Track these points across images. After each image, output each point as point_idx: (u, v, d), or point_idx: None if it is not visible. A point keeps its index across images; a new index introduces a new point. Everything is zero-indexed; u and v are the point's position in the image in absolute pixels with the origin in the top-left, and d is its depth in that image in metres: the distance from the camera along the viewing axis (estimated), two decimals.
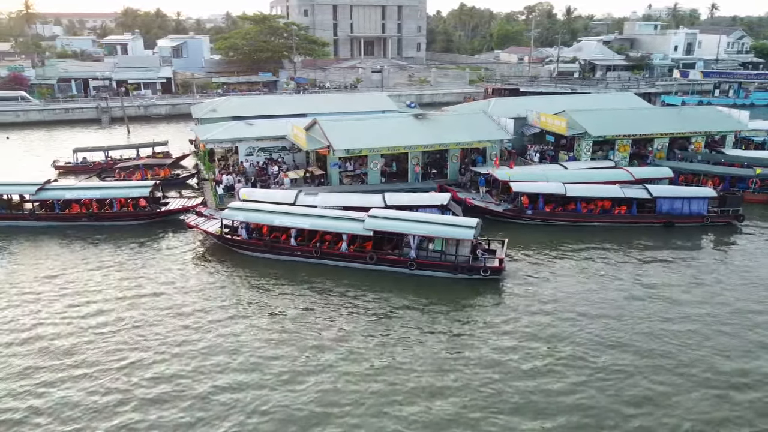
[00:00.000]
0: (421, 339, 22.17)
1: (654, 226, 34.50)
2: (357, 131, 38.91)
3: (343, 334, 22.40)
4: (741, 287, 26.78)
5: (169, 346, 21.59)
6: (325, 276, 27.42)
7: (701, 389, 19.31)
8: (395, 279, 27.17)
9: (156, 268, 28.65)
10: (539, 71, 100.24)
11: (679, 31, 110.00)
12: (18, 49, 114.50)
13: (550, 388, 19.25)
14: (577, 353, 21.23)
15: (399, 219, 27.74)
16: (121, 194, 34.75)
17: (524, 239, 32.65)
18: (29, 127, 67.57)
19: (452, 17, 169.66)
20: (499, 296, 25.73)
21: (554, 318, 23.67)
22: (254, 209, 29.85)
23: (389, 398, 18.71)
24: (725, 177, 39.60)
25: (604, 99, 53.60)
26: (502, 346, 21.66)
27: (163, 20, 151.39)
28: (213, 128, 43.29)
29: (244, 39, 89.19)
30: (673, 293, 26.03)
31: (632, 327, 23.09)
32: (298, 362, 20.57)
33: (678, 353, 21.32)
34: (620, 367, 20.45)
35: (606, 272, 28.26)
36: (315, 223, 28.42)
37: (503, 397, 18.81)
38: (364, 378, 19.68)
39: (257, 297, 25.65)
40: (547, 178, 36.37)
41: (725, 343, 21.99)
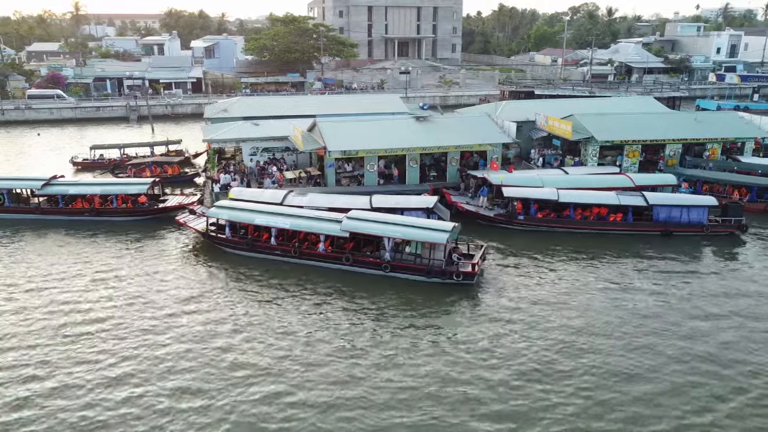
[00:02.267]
0: (368, 340, 22.17)
1: (651, 234, 33.50)
2: (355, 132, 39.08)
3: (293, 333, 22.61)
4: (727, 301, 25.76)
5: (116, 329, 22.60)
6: (301, 275, 27.69)
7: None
8: (370, 280, 27.21)
9: (141, 261, 29.55)
10: (572, 74, 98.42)
11: (723, 33, 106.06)
12: (66, 49, 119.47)
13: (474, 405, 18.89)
14: (520, 369, 20.50)
15: (375, 221, 27.78)
16: (120, 191, 35.89)
17: (513, 245, 32.21)
18: (63, 124, 70.38)
19: (492, 18, 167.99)
20: (465, 302, 25.35)
21: (512, 329, 22.95)
22: (238, 208, 30.40)
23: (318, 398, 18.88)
24: (752, 187, 37.90)
25: (621, 103, 52.21)
26: (451, 354, 21.44)
27: (206, 21, 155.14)
28: (221, 128, 44.13)
29: (273, 40, 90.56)
30: (655, 308, 25.11)
31: (595, 343, 22.12)
32: (245, 361, 20.93)
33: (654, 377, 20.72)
34: (569, 392, 19.40)
35: (588, 282, 27.50)
36: (294, 223, 28.74)
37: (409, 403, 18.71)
38: (312, 379, 19.88)
39: (227, 292, 26.11)
40: (543, 183, 35.75)
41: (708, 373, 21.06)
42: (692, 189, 38.66)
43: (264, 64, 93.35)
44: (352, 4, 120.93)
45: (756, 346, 22.09)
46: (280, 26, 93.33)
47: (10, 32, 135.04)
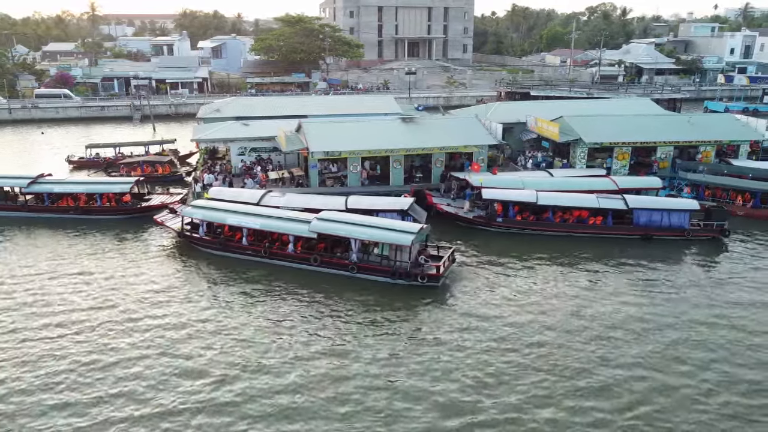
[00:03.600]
0: (319, 343, 22.19)
1: (631, 238, 33.07)
2: (338, 133, 39.18)
3: (245, 337, 22.73)
4: (697, 310, 25.35)
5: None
6: (270, 276, 27.87)
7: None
8: (337, 282, 27.26)
9: (116, 260, 29.92)
10: (581, 75, 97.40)
11: (736, 34, 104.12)
12: (82, 49, 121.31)
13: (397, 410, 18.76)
14: (463, 380, 20.13)
15: (342, 222, 27.84)
16: (104, 189, 36.43)
17: (490, 247, 32.04)
18: (68, 123, 71.46)
19: (506, 18, 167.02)
20: (426, 305, 25.22)
21: (467, 337, 22.61)
22: (212, 208, 30.68)
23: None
24: (756, 192, 36.96)
25: (616, 105, 51.53)
26: (402, 357, 21.42)
27: (220, 21, 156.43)
28: (211, 128, 44.56)
29: (278, 40, 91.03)
30: (621, 314, 24.75)
31: (548, 356, 21.41)
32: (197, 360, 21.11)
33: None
34: (506, 402, 19.08)
35: (559, 287, 27.16)
36: (265, 224, 28.91)
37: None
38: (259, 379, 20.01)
39: (193, 293, 26.31)
40: (524, 185, 35.47)
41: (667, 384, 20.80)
42: (695, 194, 37.87)
43: (271, 65, 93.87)
44: (362, 5, 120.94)
45: (715, 355, 21.73)
46: (286, 27, 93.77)
47: (29, 32, 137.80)
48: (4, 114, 70.52)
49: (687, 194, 37.89)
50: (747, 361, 21.24)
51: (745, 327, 23.58)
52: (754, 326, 23.66)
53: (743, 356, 21.55)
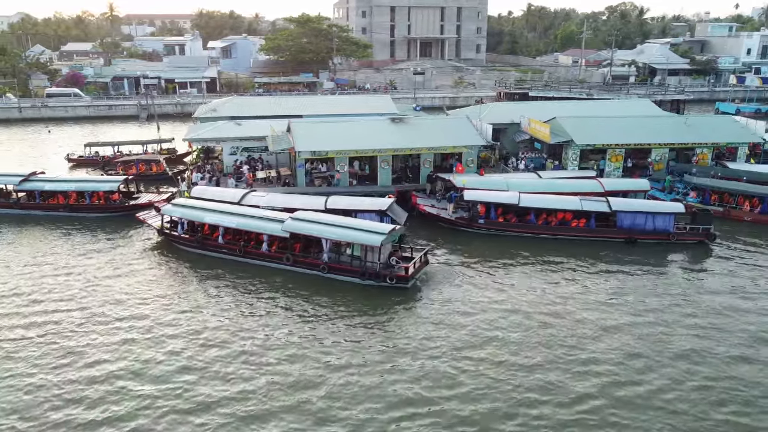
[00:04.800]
0: (279, 344, 22.26)
1: (615, 241, 32.60)
2: (327, 133, 39.22)
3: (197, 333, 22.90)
4: (670, 313, 24.92)
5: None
6: (244, 274, 28.05)
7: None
8: (309, 281, 27.32)
9: (96, 254, 30.47)
10: (592, 75, 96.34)
11: (754, 33, 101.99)
12: (100, 49, 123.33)
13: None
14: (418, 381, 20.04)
15: (314, 222, 27.90)
16: (92, 188, 36.99)
17: (469, 249, 31.88)
18: (77, 122, 72.73)
19: (522, 18, 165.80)
20: (392, 306, 25.11)
21: (430, 340, 22.40)
22: (191, 206, 30.98)
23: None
24: (764, 197, 35.80)
25: (614, 106, 50.84)
26: (358, 359, 21.39)
27: (236, 21, 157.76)
28: (205, 127, 44.94)
29: (286, 41, 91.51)
30: (587, 323, 24.42)
31: (508, 365, 20.90)
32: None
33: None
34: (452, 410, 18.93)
35: (532, 290, 26.80)
36: (241, 223, 29.09)
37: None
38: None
39: (165, 289, 26.58)
40: (509, 186, 35.17)
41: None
42: (700, 198, 37.12)
43: (280, 65, 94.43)
44: (374, 5, 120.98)
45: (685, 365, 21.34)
46: (296, 27, 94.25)
47: (49, 33, 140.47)
48: (15, 113, 71.99)
49: (692, 198, 37.12)
50: (718, 373, 20.82)
51: (709, 335, 23.13)
52: (716, 334, 23.19)
53: (711, 365, 21.14)
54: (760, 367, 20.89)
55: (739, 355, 21.65)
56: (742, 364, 21.04)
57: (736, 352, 21.78)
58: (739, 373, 20.49)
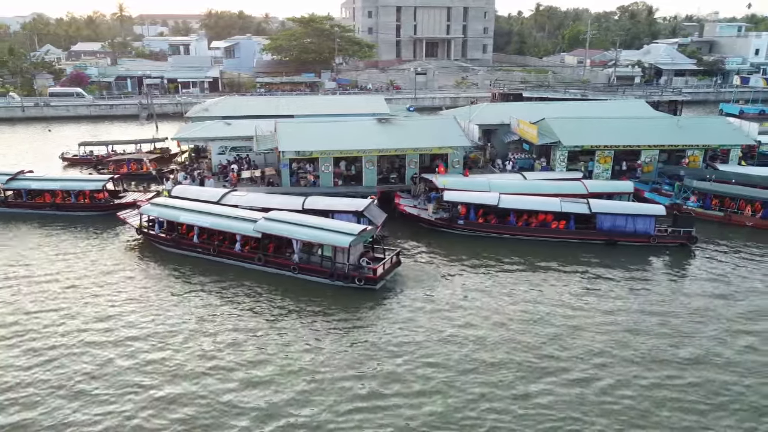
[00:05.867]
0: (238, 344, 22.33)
1: (595, 243, 32.29)
2: (312, 133, 39.28)
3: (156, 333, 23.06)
4: (640, 316, 24.66)
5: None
6: (216, 273, 28.18)
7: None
8: (280, 281, 27.38)
9: (73, 253, 30.80)
10: (597, 75, 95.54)
11: (762, 33, 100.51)
12: (109, 49, 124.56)
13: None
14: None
15: (286, 222, 27.93)
16: (78, 187, 37.38)
17: (448, 250, 31.75)
18: (79, 121, 73.41)
19: (531, 18, 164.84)
20: (356, 309, 25.01)
21: (389, 343, 22.28)
22: (168, 206, 31.16)
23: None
24: (767, 202, 35.03)
25: (608, 107, 50.34)
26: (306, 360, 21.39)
27: (245, 21, 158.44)
28: (195, 127, 45.21)
29: (288, 41, 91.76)
30: (559, 325, 24.21)
31: (460, 365, 20.75)
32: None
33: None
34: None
35: (506, 293, 26.54)
36: (214, 222, 29.21)
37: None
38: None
39: (136, 288, 26.76)
40: (491, 187, 34.97)
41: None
42: (701, 202, 36.48)
43: (283, 65, 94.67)
44: (380, 5, 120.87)
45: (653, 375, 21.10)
46: (299, 27, 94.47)
47: (60, 33, 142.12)
48: (18, 111, 72.87)
49: (693, 203, 36.51)
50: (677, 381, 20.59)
51: (672, 337, 22.88)
52: (682, 337, 22.93)
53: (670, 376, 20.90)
54: (717, 371, 20.63)
55: (694, 357, 21.47)
56: (697, 367, 20.79)
57: (687, 354, 21.55)
58: (690, 375, 20.30)
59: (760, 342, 22.61)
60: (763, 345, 22.43)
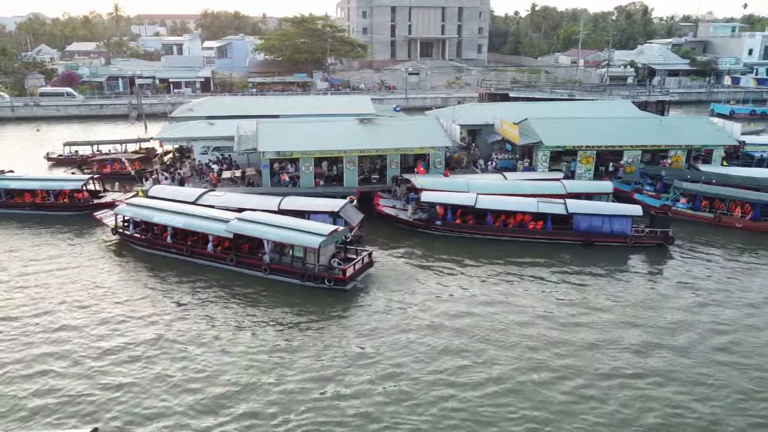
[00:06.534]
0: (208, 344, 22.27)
1: (572, 244, 32.19)
2: (293, 134, 39.20)
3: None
4: (604, 324, 24.57)
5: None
6: (189, 274, 28.15)
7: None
8: (253, 282, 27.31)
9: (52, 252, 30.87)
10: (590, 76, 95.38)
11: (756, 34, 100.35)
12: (105, 49, 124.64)
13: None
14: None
15: (258, 223, 27.86)
16: (57, 186, 37.34)
17: (424, 251, 31.66)
18: (69, 120, 73.35)
19: (527, 18, 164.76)
20: (324, 310, 24.92)
21: (350, 346, 22.15)
22: (142, 206, 31.11)
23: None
24: (756, 204, 34.58)
25: (593, 107, 50.22)
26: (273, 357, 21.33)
27: (241, 21, 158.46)
28: (178, 127, 45.18)
29: (280, 41, 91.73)
30: (525, 327, 24.13)
31: (423, 370, 20.51)
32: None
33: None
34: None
35: (477, 295, 26.35)
36: (187, 222, 29.14)
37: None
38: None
39: (106, 286, 26.75)
40: (469, 187, 34.88)
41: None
42: (691, 204, 36.11)
43: (276, 65, 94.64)
44: (375, 5, 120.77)
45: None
46: (291, 27, 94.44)
47: (56, 33, 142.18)
48: (7, 111, 72.81)
49: (683, 205, 36.24)
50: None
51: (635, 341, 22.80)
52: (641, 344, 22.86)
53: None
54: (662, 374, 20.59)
55: (639, 349, 21.39)
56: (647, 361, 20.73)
57: (635, 345, 21.46)
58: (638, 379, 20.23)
59: (730, 344, 22.54)
60: (730, 347, 22.36)
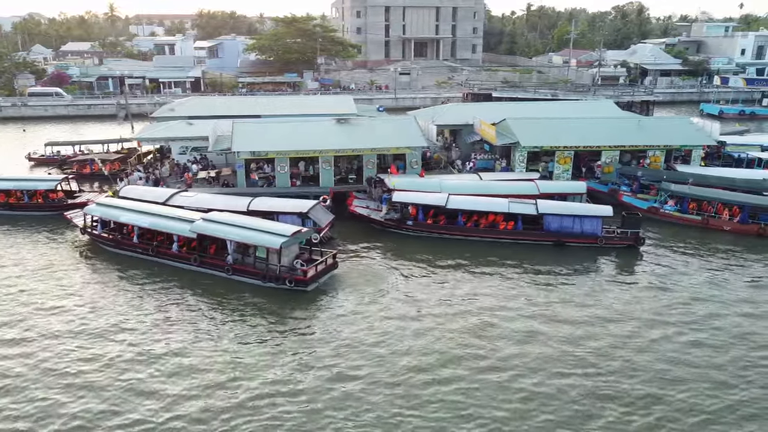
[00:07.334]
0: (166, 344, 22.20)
1: (543, 244, 32.06)
2: (268, 134, 39.10)
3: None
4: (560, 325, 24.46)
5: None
6: (154, 274, 28.11)
7: None
8: (216, 282, 27.24)
9: (18, 252, 30.92)
10: (582, 76, 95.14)
11: (749, 33, 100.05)
12: (100, 49, 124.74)
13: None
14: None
15: (221, 223, 27.77)
16: (31, 186, 37.30)
17: (395, 251, 31.58)
18: (57, 120, 73.32)
19: (523, 18, 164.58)
20: (282, 311, 24.83)
21: (304, 348, 22.05)
22: (110, 205, 31.07)
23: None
24: (744, 206, 34.00)
25: (574, 107, 50.07)
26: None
27: (236, 21, 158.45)
28: (158, 127, 45.14)
29: (271, 41, 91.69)
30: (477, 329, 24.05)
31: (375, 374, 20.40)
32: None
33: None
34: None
35: (443, 297, 26.19)
36: (153, 223, 29.06)
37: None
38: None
39: (68, 287, 26.71)
40: (442, 188, 34.75)
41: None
42: (678, 207, 35.66)
43: (267, 65, 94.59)
44: (369, 5, 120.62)
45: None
46: (282, 26, 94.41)
47: (51, 33, 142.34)
48: None
49: (671, 207, 35.86)
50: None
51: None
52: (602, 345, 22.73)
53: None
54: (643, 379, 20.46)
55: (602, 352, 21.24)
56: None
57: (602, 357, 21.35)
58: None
59: (691, 348, 22.42)
60: (692, 349, 22.25)
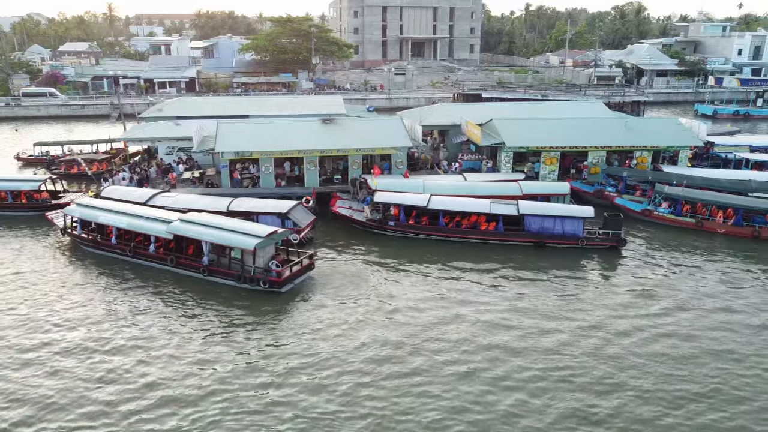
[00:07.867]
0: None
1: (524, 245, 31.93)
2: (253, 134, 39.05)
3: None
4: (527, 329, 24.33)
5: None
6: (132, 274, 28.07)
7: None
8: (192, 283, 27.17)
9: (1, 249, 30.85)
10: (578, 76, 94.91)
11: (745, 33, 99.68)
12: (98, 49, 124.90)
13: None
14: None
15: (197, 224, 27.70)
16: (14, 187, 37.30)
17: (376, 251, 31.49)
18: (51, 120, 73.43)
19: (521, 18, 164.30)
20: (257, 312, 24.74)
21: (274, 350, 21.94)
22: (90, 206, 31.03)
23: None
24: (738, 209, 33.58)
25: (562, 108, 49.91)
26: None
27: (235, 21, 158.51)
28: (145, 127, 45.13)
29: (266, 41, 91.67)
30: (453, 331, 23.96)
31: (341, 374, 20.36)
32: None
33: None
34: None
35: (415, 297, 26.13)
36: (131, 223, 29.01)
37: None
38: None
39: (44, 286, 26.64)
40: (425, 189, 34.66)
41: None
42: (672, 209, 35.23)
43: (262, 65, 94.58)
44: (366, 5, 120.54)
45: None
46: (277, 27, 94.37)
47: (50, 33, 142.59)
48: None
49: (664, 209, 35.46)
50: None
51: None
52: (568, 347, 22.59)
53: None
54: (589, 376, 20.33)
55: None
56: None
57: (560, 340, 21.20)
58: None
59: (669, 350, 22.27)
60: (670, 350, 22.11)
